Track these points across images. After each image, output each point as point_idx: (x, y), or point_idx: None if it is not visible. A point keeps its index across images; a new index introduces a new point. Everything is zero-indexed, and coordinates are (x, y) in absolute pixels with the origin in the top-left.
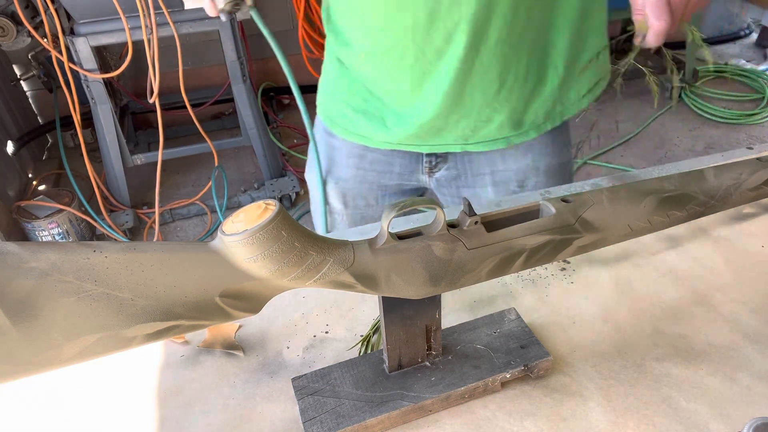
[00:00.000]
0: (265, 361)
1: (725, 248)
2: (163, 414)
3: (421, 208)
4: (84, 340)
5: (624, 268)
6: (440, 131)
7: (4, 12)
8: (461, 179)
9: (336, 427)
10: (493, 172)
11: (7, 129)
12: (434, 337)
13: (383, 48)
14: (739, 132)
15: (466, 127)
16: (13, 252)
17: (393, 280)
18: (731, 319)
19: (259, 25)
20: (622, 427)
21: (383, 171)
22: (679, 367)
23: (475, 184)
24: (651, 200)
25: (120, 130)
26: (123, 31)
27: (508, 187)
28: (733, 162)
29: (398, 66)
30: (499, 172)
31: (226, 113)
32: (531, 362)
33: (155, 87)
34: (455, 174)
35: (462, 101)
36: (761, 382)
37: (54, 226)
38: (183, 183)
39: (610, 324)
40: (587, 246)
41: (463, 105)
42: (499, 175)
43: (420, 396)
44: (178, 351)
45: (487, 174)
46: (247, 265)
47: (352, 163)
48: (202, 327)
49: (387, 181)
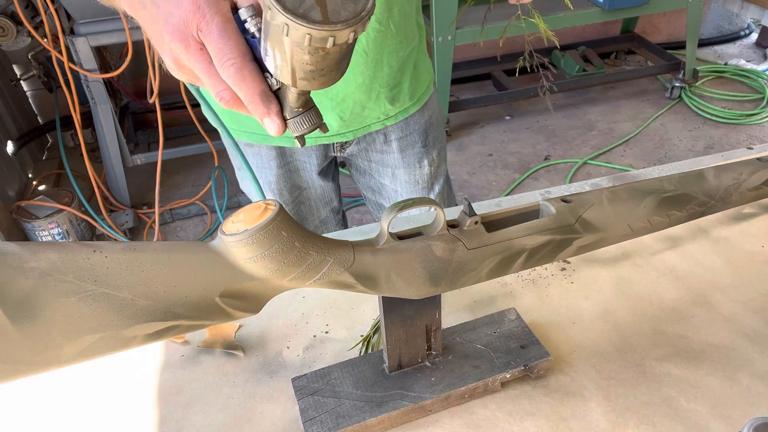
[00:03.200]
0: (265, 361)
1: (725, 248)
2: (163, 414)
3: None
4: (84, 340)
5: (624, 268)
6: (361, 114)
7: (4, 12)
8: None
9: (336, 427)
10: (400, 138)
11: (7, 129)
12: (434, 337)
13: None
14: (739, 132)
15: (384, 101)
16: (13, 252)
17: (393, 280)
18: (731, 319)
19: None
20: (622, 427)
21: (304, 160)
22: (679, 367)
23: (384, 150)
24: (651, 200)
25: (120, 130)
26: (123, 31)
27: (414, 148)
28: (733, 162)
29: None
30: (405, 137)
31: None
32: (531, 362)
33: (155, 87)
34: (364, 146)
35: (381, 67)
36: (761, 382)
37: (54, 226)
38: (183, 183)
39: (610, 324)
40: (587, 246)
41: (382, 72)
42: (406, 139)
43: (420, 396)
44: (178, 351)
45: (393, 140)
46: (247, 265)
47: (275, 164)
48: (202, 327)
49: (309, 169)
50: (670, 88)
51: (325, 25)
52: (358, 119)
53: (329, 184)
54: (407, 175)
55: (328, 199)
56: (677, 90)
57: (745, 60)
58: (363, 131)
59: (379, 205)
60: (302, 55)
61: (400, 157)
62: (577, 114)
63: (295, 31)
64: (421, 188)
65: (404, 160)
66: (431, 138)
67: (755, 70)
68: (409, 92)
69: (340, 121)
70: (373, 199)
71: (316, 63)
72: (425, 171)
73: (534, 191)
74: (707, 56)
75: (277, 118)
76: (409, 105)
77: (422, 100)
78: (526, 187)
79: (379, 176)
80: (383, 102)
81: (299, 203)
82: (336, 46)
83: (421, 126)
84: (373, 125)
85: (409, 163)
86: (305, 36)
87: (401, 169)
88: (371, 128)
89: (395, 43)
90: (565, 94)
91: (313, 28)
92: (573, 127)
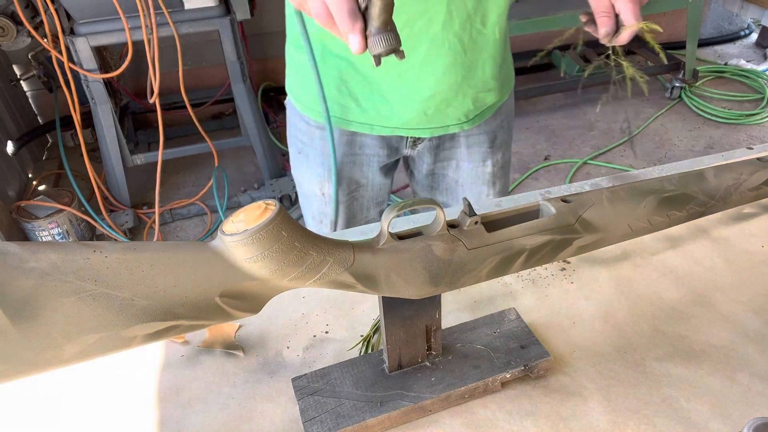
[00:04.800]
0: (265, 361)
1: (725, 248)
2: (163, 414)
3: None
4: (84, 340)
5: (624, 268)
6: (445, 112)
7: (4, 12)
8: (439, 147)
9: (336, 427)
10: (469, 136)
11: (7, 129)
12: (434, 337)
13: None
14: (739, 132)
15: (469, 100)
16: (13, 252)
17: (393, 280)
18: (731, 319)
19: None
20: (622, 427)
21: (372, 154)
22: (679, 367)
23: (452, 146)
24: (651, 200)
25: (120, 130)
26: (123, 31)
27: (481, 147)
28: (733, 162)
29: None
30: (474, 136)
31: (226, 113)
32: (531, 362)
33: (155, 87)
34: (436, 143)
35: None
36: (761, 382)
37: (54, 226)
38: (183, 183)
39: (610, 324)
40: (587, 246)
41: (475, 73)
42: (474, 138)
43: (420, 396)
44: (178, 351)
45: (461, 136)
46: (247, 265)
47: (342, 151)
48: (202, 327)
49: (375, 162)
50: (670, 88)
51: None
52: (440, 117)
53: (386, 184)
54: (470, 169)
55: (380, 200)
56: (677, 90)
57: (745, 60)
58: (441, 131)
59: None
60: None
61: (466, 153)
62: (577, 114)
63: None
64: (482, 183)
65: (470, 156)
66: (499, 141)
67: (755, 70)
68: (494, 97)
69: (423, 115)
70: (427, 195)
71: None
72: (488, 170)
73: (534, 191)
74: (707, 56)
75: (359, 35)
76: (487, 109)
77: (497, 105)
78: (526, 187)
79: (442, 169)
80: (468, 102)
81: (353, 199)
82: None
83: (491, 128)
84: (452, 127)
85: (474, 159)
86: None
87: (465, 162)
88: (449, 129)
89: (492, 47)
90: (565, 94)
91: None
92: (573, 127)
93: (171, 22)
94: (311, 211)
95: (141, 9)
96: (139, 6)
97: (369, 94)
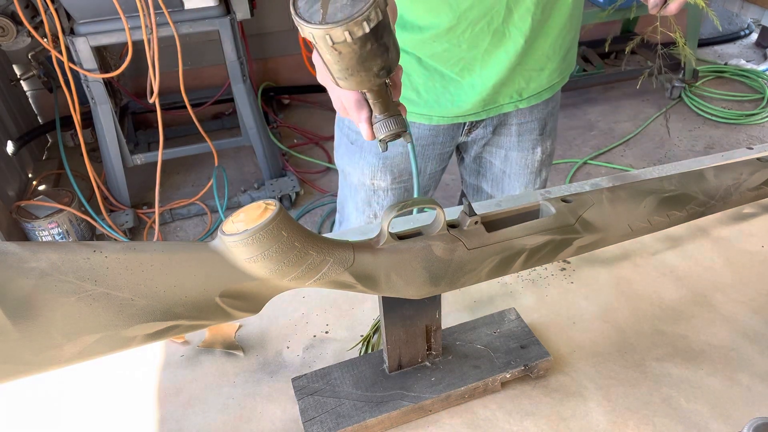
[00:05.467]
0: (265, 361)
1: (725, 248)
2: (163, 414)
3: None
4: (84, 340)
5: (624, 268)
6: (499, 91)
7: (4, 12)
8: (491, 135)
9: (336, 427)
10: (521, 123)
11: (7, 129)
12: (434, 337)
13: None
14: (739, 132)
15: (521, 79)
16: (13, 252)
17: (393, 280)
18: (731, 319)
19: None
20: (622, 427)
21: (428, 144)
22: (679, 367)
23: (502, 133)
24: (651, 200)
25: (120, 130)
26: (123, 31)
27: (532, 135)
28: (733, 162)
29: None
30: (525, 123)
31: (226, 113)
32: (531, 362)
33: (155, 87)
34: (491, 129)
35: (533, 53)
36: (761, 382)
37: (54, 226)
38: (183, 183)
39: (610, 324)
40: (587, 246)
41: (534, 57)
42: (525, 125)
43: (420, 396)
44: (178, 351)
45: (513, 125)
46: (247, 265)
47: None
48: (202, 327)
49: (430, 151)
50: (670, 88)
51: (320, 25)
52: (495, 97)
53: (436, 172)
54: (519, 159)
55: (427, 189)
56: (677, 90)
57: (745, 60)
58: (495, 111)
59: (478, 189)
60: (326, 55)
61: (516, 141)
62: (577, 114)
63: (301, 30)
64: (529, 172)
65: (519, 144)
66: (549, 128)
67: (755, 70)
68: (548, 79)
69: (479, 99)
70: (474, 183)
71: (338, 62)
72: (537, 158)
73: (534, 191)
74: (707, 56)
75: (365, 123)
76: (543, 90)
77: (554, 88)
78: None
79: (490, 156)
80: (520, 81)
81: (405, 190)
82: (344, 45)
83: (542, 114)
84: (505, 106)
85: (524, 147)
86: (309, 34)
87: (514, 152)
88: (503, 108)
89: (553, 33)
90: (565, 94)
91: (313, 28)
92: (573, 127)
93: (171, 22)
94: (355, 201)
95: (141, 9)
96: (139, 6)
97: (431, 87)
